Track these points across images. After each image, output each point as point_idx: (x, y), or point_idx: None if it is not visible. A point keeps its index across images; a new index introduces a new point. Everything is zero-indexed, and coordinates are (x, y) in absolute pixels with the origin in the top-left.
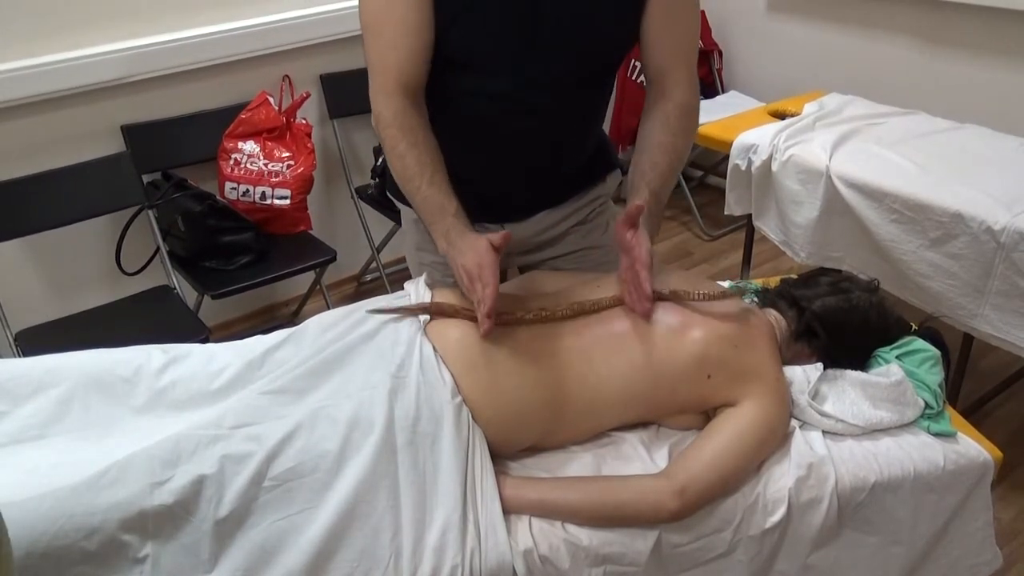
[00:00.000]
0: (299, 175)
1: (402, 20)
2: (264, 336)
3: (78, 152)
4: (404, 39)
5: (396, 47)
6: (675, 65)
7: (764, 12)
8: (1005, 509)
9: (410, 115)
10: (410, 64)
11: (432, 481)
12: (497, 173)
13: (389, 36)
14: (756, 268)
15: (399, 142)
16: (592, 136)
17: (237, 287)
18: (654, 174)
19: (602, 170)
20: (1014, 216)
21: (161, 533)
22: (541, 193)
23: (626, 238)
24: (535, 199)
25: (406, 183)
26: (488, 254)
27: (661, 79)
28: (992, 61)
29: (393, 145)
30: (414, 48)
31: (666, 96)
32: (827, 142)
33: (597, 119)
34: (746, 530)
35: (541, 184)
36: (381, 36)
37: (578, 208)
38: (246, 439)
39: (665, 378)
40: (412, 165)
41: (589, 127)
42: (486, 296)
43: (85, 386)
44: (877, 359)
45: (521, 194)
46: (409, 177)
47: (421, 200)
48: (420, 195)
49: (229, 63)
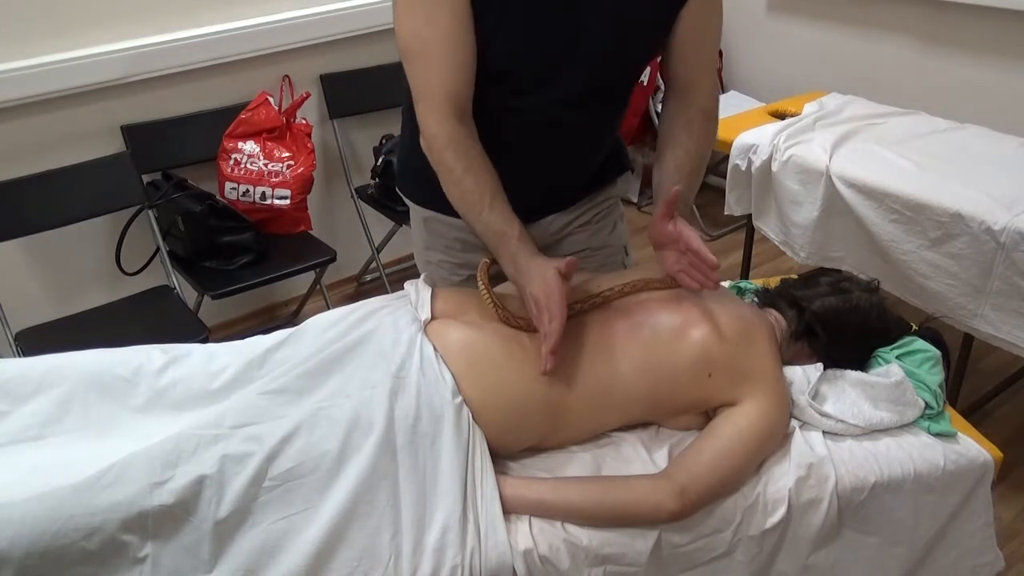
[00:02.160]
0: (299, 175)
1: (447, 37)
2: (264, 336)
3: (78, 152)
4: (452, 57)
5: (444, 66)
6: (702, 74)
7: (764, 12)
8: (1006, 509)
9: (464, 137)
10: (460, 82)
11: (432, 481)
12: (514, 184)
13: (436, 55)
14: (756, 268)
15: (456, 166)
16: (609, 145)
17: (237, 287)
18: (679, 176)
19: (614, 172)
20: (1014, 216)
21: (161, 533)
22: (554, 199)
23: (668, 230)
24: (546, 204)
25: (466, 209)
26: (556, 283)
27: (687, 87)
28: (992, 61)
29: (450, 169)
30: (462, 64)
31: (690, 102)
32: (827, 142)
33: (616, 129)
34: (746, 530)
35: (556, 192)
36: (426, 56)
37: (587, 209)
38: (246, 439)
39: (666, 378)
40: (471, 190)
41: (608, 137)
42: (552, 331)
43: (85, 386)
44: (877, 359)
45: (535, 200)
46: (470, 203)
47: (483, 227)
48: (481, 222)
49: (229, 63)
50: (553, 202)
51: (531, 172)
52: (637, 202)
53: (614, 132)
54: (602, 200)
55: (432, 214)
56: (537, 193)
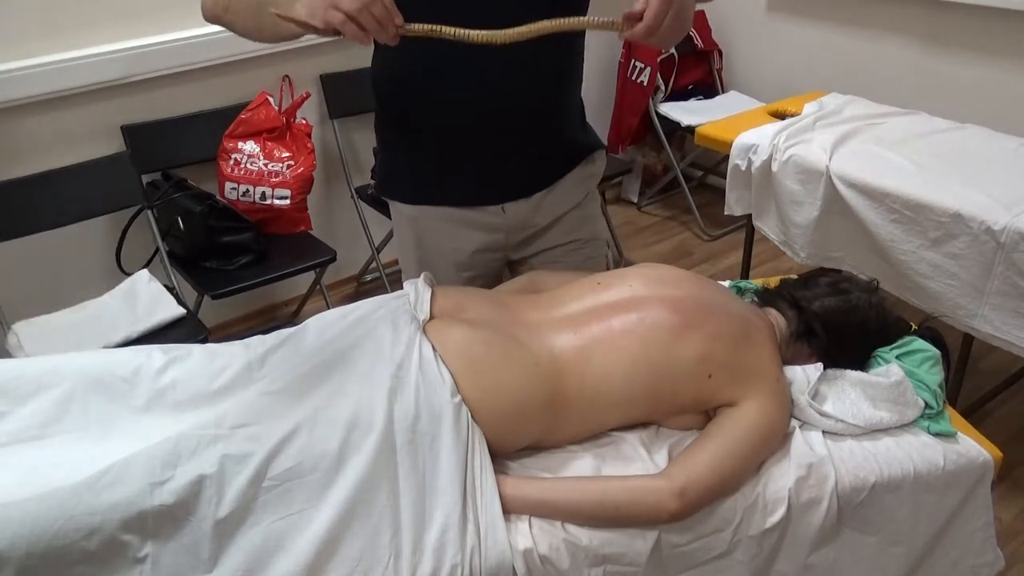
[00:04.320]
0: (299, 175)
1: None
2: (264, 336)
3: (78, 152)
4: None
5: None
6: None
7: (764, 12)
8: (1006, 509)
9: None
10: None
11: (432, 480)
12: (484, 140)
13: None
14: (756, 268)
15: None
16: (572, 102)
17: (237, 287)
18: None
19: (590, 147)
20: (1014, 216)
21: (161, 533)
22: (536, 168)
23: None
24: (532, 176)
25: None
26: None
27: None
28: (992, 61)
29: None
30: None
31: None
32: (827, 142)
33: (572, 79)
34: (746, 530)
35: (532, 154)
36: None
37: (572, 188)
38: (246, 439)
39: (666, 377)
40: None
41: (565, 85)
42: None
43: (85, 386)
44: (877, 359)
45: (517, 166)
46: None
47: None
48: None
49: (229, 63)
50: (536, 176)
51: (491, 117)
52: (637, 202)
53: (572, 78)
54: (585, 178)
55: (424, 208)
56: (508, 145)
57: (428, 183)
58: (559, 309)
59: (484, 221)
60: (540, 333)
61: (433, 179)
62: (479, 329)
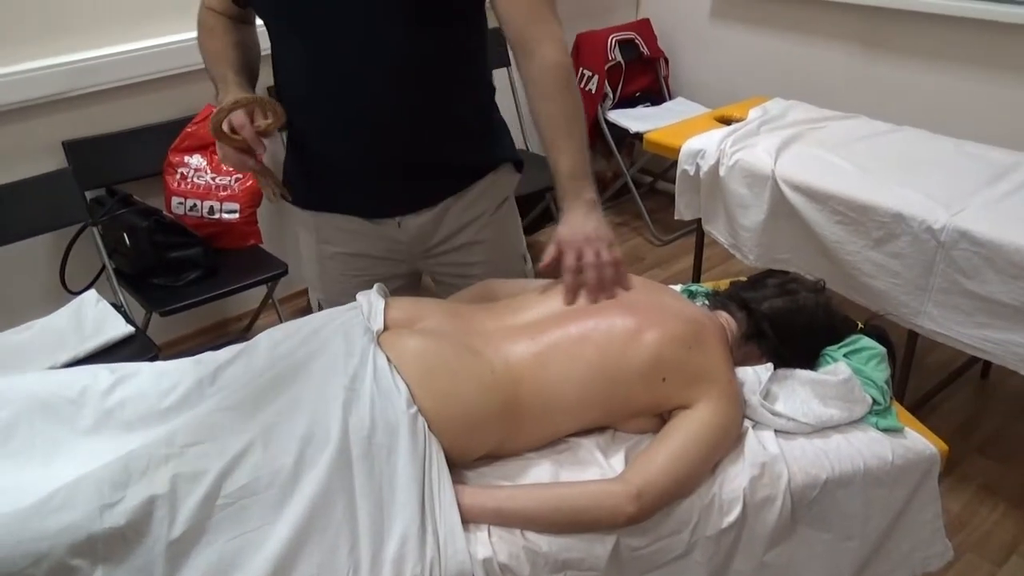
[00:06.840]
0: (248, 188)
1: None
2: (215, 352)
3: (18, 169)
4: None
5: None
6: (533, 23)
7: (708, 19)
8: (954, 501)
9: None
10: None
11: (389, 492)
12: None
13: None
14: (707, 271)
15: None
16: (464, 115)
17: (186, 303)
18: (558, 155)
19: (499, 157)
20: (952, 215)
21: (112, 556)
22: (441, 175)
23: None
24: (426, 192)
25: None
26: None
27: (522, 40)
28: (928, 65)
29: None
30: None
31: (532, 58)
32: (771, 146)
33: (461, 94)
34: (703, 531)
35: (423, 169)
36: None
37: (480, 196)
38: (199, 457)
39: (620, 381)
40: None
41: (451, 100)
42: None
43: (30, 409)
44: (825, 358)
45: (407, 183)
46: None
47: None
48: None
49: (173, 76)
50: (442, 179)
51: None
52: None
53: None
54: (494, 190)
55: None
56: (405, 174)
57: (324, 193)
58: (515, 317)
59: (383, 232)
60: (496, 341)
61: (328, 190)
62: (434, 339)
